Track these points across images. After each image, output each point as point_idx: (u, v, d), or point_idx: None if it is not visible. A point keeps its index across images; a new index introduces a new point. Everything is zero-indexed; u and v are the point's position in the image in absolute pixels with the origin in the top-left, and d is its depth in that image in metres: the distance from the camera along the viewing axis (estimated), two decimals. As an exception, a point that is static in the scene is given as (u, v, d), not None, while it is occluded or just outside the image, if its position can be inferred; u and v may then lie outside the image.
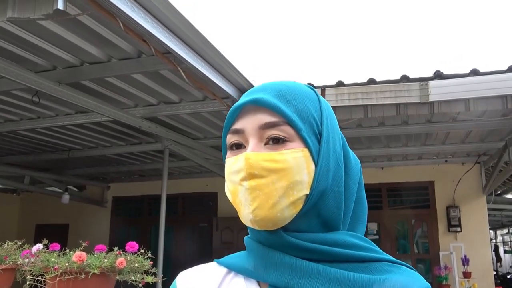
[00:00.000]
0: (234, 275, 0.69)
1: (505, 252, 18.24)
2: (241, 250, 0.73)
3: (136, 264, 1.76)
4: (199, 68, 3.00)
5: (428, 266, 6.48)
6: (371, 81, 3.86)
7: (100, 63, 3.29)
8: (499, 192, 8.57)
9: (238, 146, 0.66)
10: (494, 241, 16.94)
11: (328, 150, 0.64)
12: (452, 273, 5.98)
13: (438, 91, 3.52)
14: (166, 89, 3.85)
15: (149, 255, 1.87)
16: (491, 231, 15.51)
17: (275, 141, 0.63)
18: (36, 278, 1.69)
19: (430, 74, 3.73)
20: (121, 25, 2.34)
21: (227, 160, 0.67)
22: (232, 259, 0.71)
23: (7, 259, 1.86)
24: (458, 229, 6.29)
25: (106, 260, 1.70)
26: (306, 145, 0.63)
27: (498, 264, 15.38)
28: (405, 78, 3.77)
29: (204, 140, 5.47)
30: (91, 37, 2.93)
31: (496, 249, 15.72)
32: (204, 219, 7.48)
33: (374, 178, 6.73)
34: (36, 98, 3.67)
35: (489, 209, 7.16)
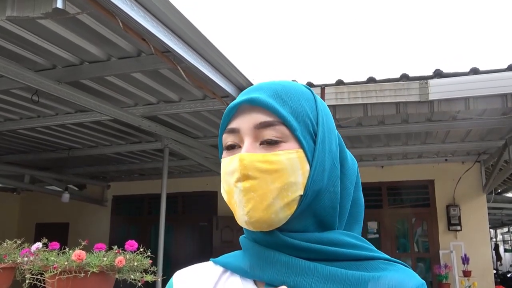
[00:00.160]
0: (230, 274, 0.69)
1: (505, 251, 18.24)
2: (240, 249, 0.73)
3: (136, 263, 1.77)
4: (199, 67, 2.99)
5: (428, 265, 6.47)
6: (371, 80, 3.85)
7: (100, 62, 3.29)
8: (499, 191, 8.57)
9: (234, 146, 0.66)
10: (494, 240, 16.94)
11: (324, 150, 0.64)
12: (452, 272, 5.98)
13: (438, 90, 3.52)
14: (166, 88, 3.85)
15: (149, 254, 1.87)
16: (491, 230, 15.52)
17: (270, 141, 0.62)
18: (36, 277, 1.69)
19: (430, 73, 3.74)
20: (121, 24, 2.34)
21: (223, 160, 0.66)
22: (228, 259, 0.71)
23: (7, 258, 1.86)
24: (458, 228, 6.28)
25: (106, 259, 1.70)
26: (301, 146, 0.63)
27: (498, 263, 15.38)
28: (405, 77, 3.78)
29: (204, 139, 5.47)
30: (91, 36, 2.93)
31: (496, 248, 15.73)
32: (204, 218, 7.48)
33: (374, 177, 6.73)
34: (36, 97, 3.67)
35: (489, 208, 7.16)
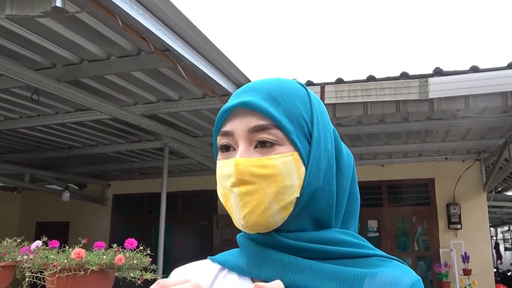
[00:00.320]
0: (228, 272, 0.69)
1: (506, 250, 18.25)
2: None
3: (135, 261, 1.77)
4: (198, 66, 2.99)
5: (428, 263, 6.48)
6: (371, 78, 3.85)
7: (99, 61, 3.29)
8: (500, 189, 8.57)
9: (228, 148, 0.65)
10: (495, 239, 16.95)
11: (319, 151, 0.64)
12: (452, 270, 5.98)
13: (438, 88, 3.52)
14: (166, 87, 3.85)
15: (148, 252, 1.87)
16: (492, 229, 15.52)
17: (264, 145, 0.62)
18: (35, 275, 1.69)
19: (430, 71, 3.74)
20: (120, 23, 2.34)
21: (218, 163, 0.66)
22: (226, 256, 0.71)
23: (7, 256, 1.86)
24: (458, 226, 6.28)
25: (105, 257, 1.70)
26: (296, 148, 0.62)
27: (499, 262, 15.40)
28: (405, 75, 3.78)
29: (204, 138, 5.47)
30: (90, 35, 2.93)
31: (497, 247, 15.74)
32: (205, 217, 7.48)
33: (374, 176, 6.73)
34: (36, 96, 3.67)
35: (490, 207, 7.15)
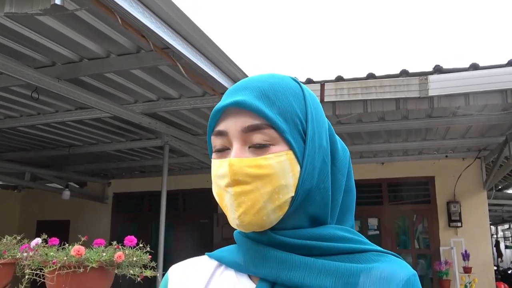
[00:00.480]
0: (225, 268, 0.69)
1: (506, 248, 18.25)
2: None
3: (135, 258, 1.77)
4: (198, 64, 2.99)
5: (429, 261, 6.48)
6: (371, 76, 3.85)
7: (99, 59, 3.29)
8: (500, 188, 8.57)
9: (223, 148, 0.64)
10: (495, 237, 16.95)
11: (314, 149, 0.63)
12: (453, 268, 5.98)
13: (438, 86, 3.52)
14: (166, 85, 3.85)
15: (148, 249, 1.87)
16: (492, 227, 15.52)
17: (259, 144, 0.61)
18: (35, 272, 1.70)
19: (430, 69, 3.73)
20: (119, 20, 2.34)
21: (213, 162, 0.65)
22: (223, 253, 0.71)
23: (6, 254, 1.87)
24: (459, 224, 6.28)
25: (105, 254, 1.71)
26: (290, 147, 0.61)
27: (499, 260, 15.40)
28: (405, 73, 3.77)
29: (204, 136, 5.46)
30: (90, 33, 2.93)
31: (497, 245, 15.74)
32: (205, 215, 7.49)
33: (375, 174, 6.73)
34: (36, 94, 3.67)
35: (490, 205, 7.15)
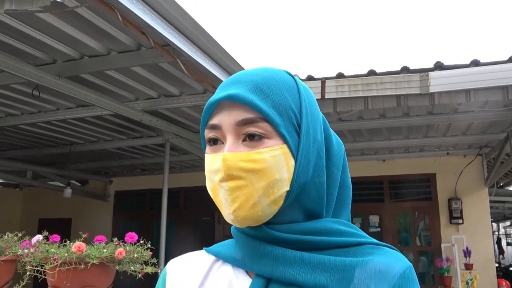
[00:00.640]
0: (222, 263, 0.69)
1: (508, 245, 18.26)
2: None
3: (136, 255, 1.77)
4: (199, 60, 2.99)
5: (430, 258, 6.48)
6: (371, 73, 3.85)
7: (100, 56, 3.30)
8: (501, 184, 8.55)
9: (216, 141, 0.64)
10: (497, 234, 16.95)
11: (308, 143, 0.63)
12: (454, 265, 5.98)
13: (439, 82, 3.51)
14: (166, 82, 3.85)
15: (149, 246, 1.88)
16: (494, 224, 15.51)
17: (252, 138, 0.60)
18: (36, 269, 1.70)
19: (431, 65, 3.73)
20: (120, 17, 2.34)
21: (206, 157, 0.65)
22: (220, 248, 0.71)
23: (7, 251, 1.87)
24: (460, 221, 6.28)
25: (106, 251, 1.71)
26: (285, 141, 0.61)
27: (501, 257, 15.40)
28: (406, 69, 3.77)
29: (205, 134, 5.46)
30: (90, 30, 2.93)
31: (499, 242, 15.75)
32: (206, 213, 7.49)
33: (376, 171, 6.73)
34: (36, 92, 3.68)
35: (492, 202, 7.14)
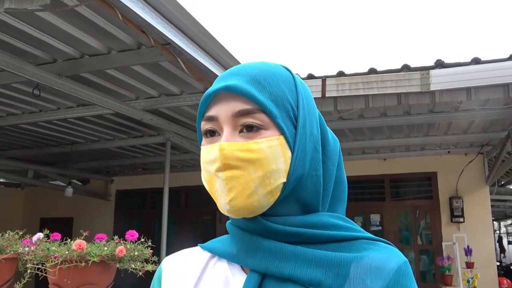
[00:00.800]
0: (218, 260, 0.69)
1: (509, 243, 18.22)
2: None
3: (136, 253, 1.78)
4: (199, 59, 2.99)
5: (431, 257, 6.47)
6: (372, 71, 3.84)
7: (100, 55, 3.30)
8: (503, 183, 8.54)
9: (213, 133, 0.64)
10: (498, 232, 16.94)
11: (305, 135, 0.63)
12: (455, 264, 5.98)
13: (439, 80, 3.51)
14: (167, 81, 3.85)
15: (149, 244, 1.88)
16: (495, 222, 15.51)
17: (250, 129, 0.61)
18: (37, 267, 1.70)
19: (431, 63, 3.72)
20: (120, 16, 2.34)
21: (202, 148, 0.65)
22: (216, 244, 0.71)
23: (8, 249, 1.87)
24: (461, 220, 6.28)
25: (106, 249, 1.72)
26: (282, 132, 0.61)
27: (502, 255, 15.38)
28: (406, 67, 3.76)
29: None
30: (90, 29, 2.93)
31: (500, 240, 15.73)
32: (208, 212, 7.49)
33: (377, 170, 6.72)
34: (37, 91, 3.68)
35: (493, 200, 7.13)
